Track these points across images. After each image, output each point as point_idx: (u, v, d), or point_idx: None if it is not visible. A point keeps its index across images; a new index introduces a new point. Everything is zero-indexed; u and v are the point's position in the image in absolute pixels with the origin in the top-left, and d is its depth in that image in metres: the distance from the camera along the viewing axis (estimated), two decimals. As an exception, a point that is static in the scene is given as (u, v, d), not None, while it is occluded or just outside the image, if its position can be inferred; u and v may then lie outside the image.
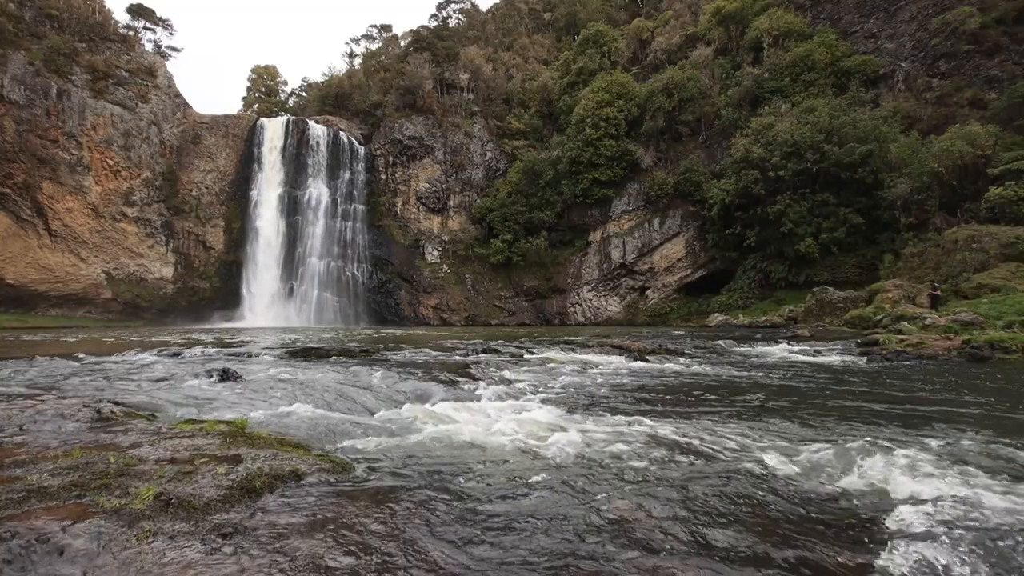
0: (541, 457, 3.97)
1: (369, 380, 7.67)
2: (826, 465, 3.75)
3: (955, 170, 29.12)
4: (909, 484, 3.24)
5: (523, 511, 2.82)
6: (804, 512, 2.91)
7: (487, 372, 8.76)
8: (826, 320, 26.48)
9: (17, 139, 42.87)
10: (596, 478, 3.42)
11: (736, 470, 3.62)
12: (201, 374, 7.67)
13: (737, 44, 49.74)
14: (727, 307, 39.54)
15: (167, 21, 61.52)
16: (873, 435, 4.71)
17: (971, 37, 35.29)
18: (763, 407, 6.23)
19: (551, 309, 51.72)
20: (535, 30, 74.79)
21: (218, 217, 52.99)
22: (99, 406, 4.49)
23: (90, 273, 47.36)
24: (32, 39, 45.44)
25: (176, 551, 2.09)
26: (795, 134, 36.19)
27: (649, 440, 4.48)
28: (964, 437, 4.60)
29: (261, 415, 5.24)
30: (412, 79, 56.66)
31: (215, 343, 16.87)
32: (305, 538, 2.33)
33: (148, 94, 49.98)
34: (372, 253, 54.11)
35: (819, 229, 35.35)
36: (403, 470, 3.49)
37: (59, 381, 7.29)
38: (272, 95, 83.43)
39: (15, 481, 2.64)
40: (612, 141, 47.25)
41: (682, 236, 46.39)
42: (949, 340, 12.34)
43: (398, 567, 2.16)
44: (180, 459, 3.13)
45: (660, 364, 11.22)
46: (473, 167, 56.39)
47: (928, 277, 24.72)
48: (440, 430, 4.77)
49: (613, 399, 6.84)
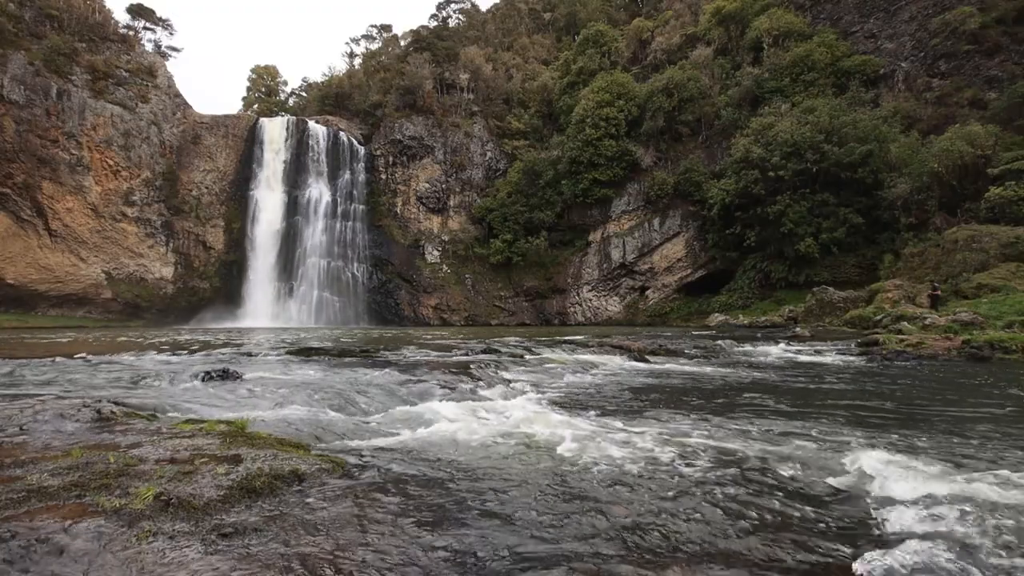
0: (540, 457, 3.97)
1: (369, 380, 7.67)
2: (825, 465, 3.75)
3: (955, 170, 29.11)
4: (909, 484, 3.25)
5: (523, 511, 2.82)
6: (803, 511, 2.91)
7: (487, 372, 8.76)
8: (826, 320, 26.48)
9: (17, 139, 42.86)
10: (596, 478, 3.42)
11: (736, 469, 3.62)
12: (201, 374, 7.67)
13: (737, 44, 49.75)
14: (727, 307, 39.54)
15: (167, 21, 61.57)
16: (873, 435, 4.72)
17: (971, 37, 35.29)
18: (763, 407, 6.23)
19: (551, 309, 51.72)
20: (535, 30, 74.79)
21: (218, 217, 52.98)
22: (99, 406, 4.49)
23: (90, 273, 47.35)
24: (32, 39, 45.42)
25: (176, 551, 2.09)
26: (795, 134, 36.19)
27: (648, 440, 4.49)
28: (964, 437, 4.60)
29: (261, 415, 5.25)
30: (412, 79, 56.66)
31: (215, 343, 16.88)
32: (306, 538, 2.33)
33: (148, 94, 49.98)
34: (372, 253, 54.12)
35: (819, 229, 35.36)
36: (403, 470, 3.49)
37: (59, 381, 7.29)
38: (272, 95, 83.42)
39: (15, 481, 2.64)
40: (612, 141, 47.27)
41: (682, 236, 46.40)
42: (949, 340, 12.34)
43: (398, 566, 2.16)
44: (180, 459, 3.13)
45: (660, 364, 11.22)
46: (473, 167, 56.40)
47: (928, 277, 24.71)
48: (440, 430, 4.77)
49: (613, 399, 6.84)
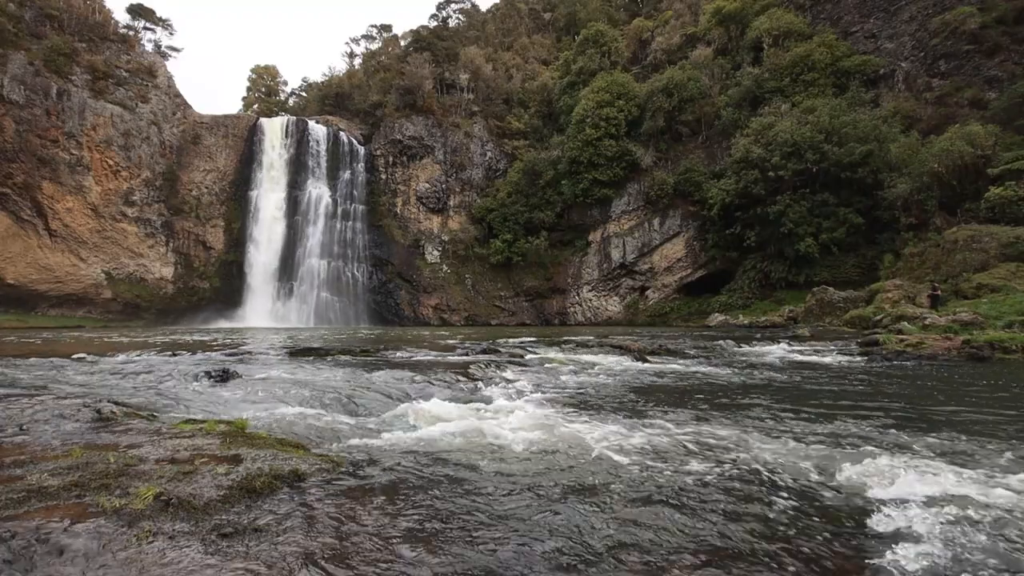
0: (540, 458, 3.97)
1: (369, 380, 7.67)
2: (824, 465, 3.75)
3: (955, 170, 29.09)
4: (909, 483, 3.25)
5: (522, 511, 2.82)
6: (803, 511, 2.91)
7: (487, 372, 8.75)
8: (826, 320, 26.47)
9: (17, 139, 42.88)
10: (595, 478, 3.42)
11: (736, 469, 3.62)
12: (201, 374, 7.67)
13: (737, 44, 49.75)
14: (727, 307, 39.53)
15: (167, 21, 61.57)
16: (873, 435, 4.72)
17: (971, 37, 35.27)
18: (763, 407, 6.23)
19: (551, 309, 51.72)
20: (535, 30, 74.77)
21: (218, 217, 52.98)
22: (99, 406, 4.50)
23: (90, 273, 47.36)
24: (32, 39, 45.43)
25: (176, 551, 2.09)
26: (795, 134, 36.17)
27: (648, 440, 4.49)
28: (964, 437, 4.60)
29: (261, 415, 5.25)
30: (412, 79, 56.64)
31: (215, 343, 16.88)
32: (306, 538, 2.33)
33: (148, 94, 49.99)
34: (372, 253, 54.13)
35: (819, 229, 35.35)
36: (402, 470, 3.49)
37: (59, 381, 7.29)
38: (272, 95, 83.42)
39: (15, 481, 2.64)
40: (612, 141, 47.26)
41: (682, 236, 46.38)
42: (949, 340, 12.33)
43: (398, 566, 2.16)
44: (180, 459, 3.13)
45: (660, 364, 11.22)
46: (473, 167, 56.39)
47: (928, 277, 24.68)
48: (439, 430, 4.77)
49: (612, 400, 6.84)
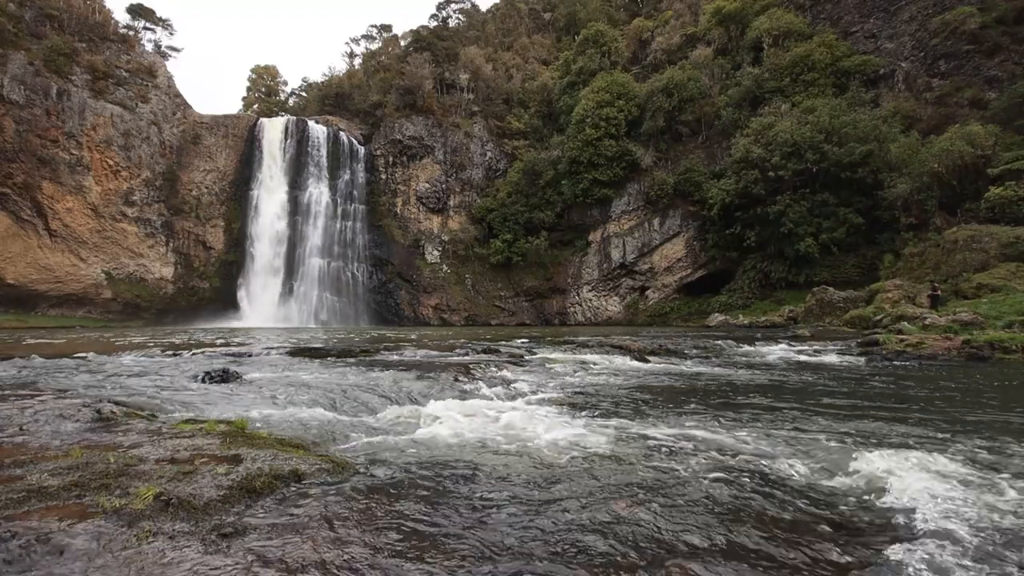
0: (539, 457, 3.97)
1: (369, 380, 7.68)
2: (825, 465, 3.75)
3: (955, 170, 29.09)
4: (909, 483, 3.25)
5: (522, 510, 2.82)
6: (804, 511, 2.91)
7: (487, 372, 8.75)
8: (826, 320, 26.47)
9: (17, 139, 42.86)
10: (594, 478, 3.42)
11: (736, 470, 3.62)
12: (201, 374, 7.67)
13: (737, 44, 49.74)
14: (727, 307, 39.53)
15: (167, 21, 61.52)
16: (873, 435, 4.72)
17: (971, 37, 35.27)
18: (764, 407, 6.23)
19: (551, 309, 51.71)
20: (535, 30, 74.76)
21: (218, 217, 52.97)
22: (99, 406, 4.50)
23: (90, 273, 47.36)
24: (32, 39, 45.41)
25: (176, 551, 2.09)
26: (795, 134, 36.17)
27: (649, 440, 4.49)
28: (964, 437, 4.60)
29: (261, 415, 5.25)
30: (412, 79, 56.63)
31: (215, 343, 16.88)
32: (306, 538, 2.33)
33: (148, 94, 49.98)
34: (372, 253, 54.13)
35: (819, 229, 35.36)
36: (402, 470, 3.49)
37: (59, 381, 7.29)
38: (272, 95, 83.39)
39: (15, 481, 2.64)
40: (612, 141, 47.25)
41: (682, 236, 46.38)
42: (949, 340, 12.33)
43: (398, 565, 2.16)
44: (180, 459, 3.13)
45: (660, 364, 11.22)
46: (473, 167, 56.38)
47: (928, 277, 24.68)
48: (439, 430, 4.77)
49: (613, 399, 6.84)
